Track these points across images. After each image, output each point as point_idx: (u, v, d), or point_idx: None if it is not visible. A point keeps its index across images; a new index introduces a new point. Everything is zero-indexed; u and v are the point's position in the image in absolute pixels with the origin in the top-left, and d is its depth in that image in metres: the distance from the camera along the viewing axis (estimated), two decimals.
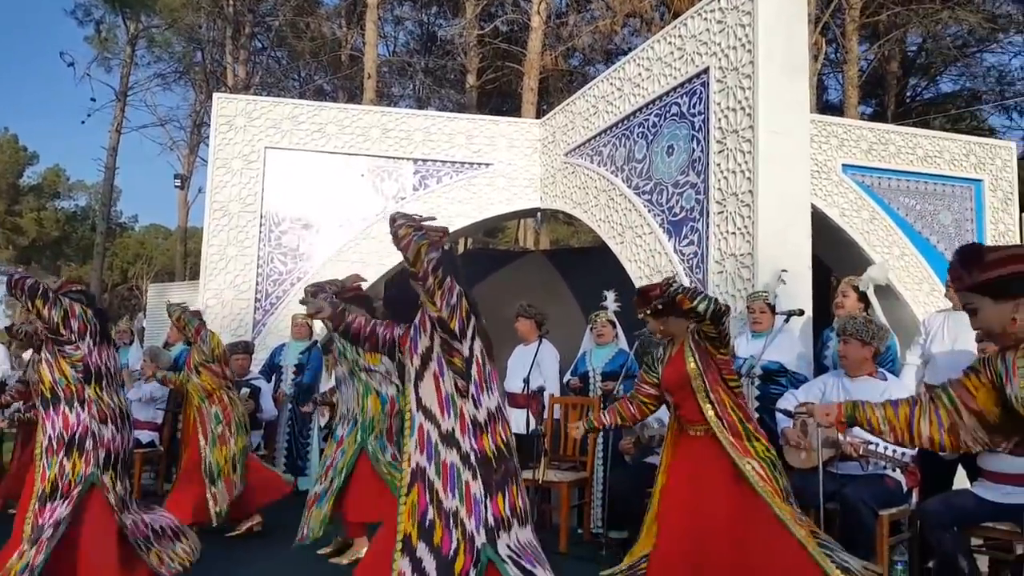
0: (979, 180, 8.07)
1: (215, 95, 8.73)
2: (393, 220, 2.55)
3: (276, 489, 5.23)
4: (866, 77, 17.40)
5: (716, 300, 3.16)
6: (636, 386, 3.69)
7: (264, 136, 8.25)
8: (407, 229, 2.49)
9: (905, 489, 4.00)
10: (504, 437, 2.56)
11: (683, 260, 6.09)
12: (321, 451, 7.18)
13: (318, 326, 7.28)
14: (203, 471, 4.90)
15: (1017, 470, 3.41)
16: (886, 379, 4.01)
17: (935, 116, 18.09)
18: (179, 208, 22.52)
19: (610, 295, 5.70)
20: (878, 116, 17.48)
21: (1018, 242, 8.05)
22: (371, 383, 4.48)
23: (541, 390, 5.46)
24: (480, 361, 2.56)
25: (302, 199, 8.24)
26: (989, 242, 7.89)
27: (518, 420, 5.64)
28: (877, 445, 3.79)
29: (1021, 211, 8.27)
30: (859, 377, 3.99)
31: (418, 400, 2.59)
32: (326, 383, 6.74)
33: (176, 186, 21.49)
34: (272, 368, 6.98)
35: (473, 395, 2.53)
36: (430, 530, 2.42)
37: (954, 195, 8.02)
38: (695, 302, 3.11)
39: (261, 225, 8.13)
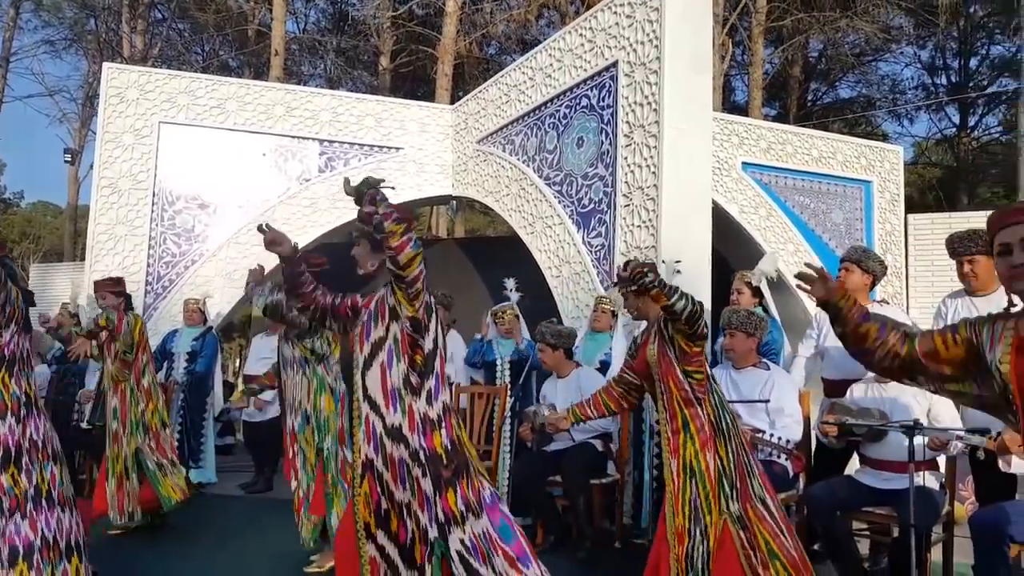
0: (869, 181, 8.48)
1: (105, 65, 8.23)
2: (372, 210, 2.41)
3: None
4: (770, 80, 18.04)
5: (693, 299, 2.93)
6: (619, 374, 3.48)
7: (158, 110, 7.84)
8: (397, 226, 2.34)
9: (791, 474, 4.15)
10: (457, 430, 2.54)
11: (591, 252, 6.14)
12: (218, 447, 6.92)
13: (212, 311, 6.99)
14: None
15: (895, 458, 3.57)
16: (769, 368, 4.15)
17: (833, 120, 18.95)
18: (69, 185, 21.24)
19: (510, 283, 5.70)
20: (781, 118, 18.16)
21: (903, 241, 8.50)
22: (326, 379, 4.15)
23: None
24: (443, 354, 2.57)
25: (198, 177, 7.88)
26: (876, 242, 8.30)
27: None
28: (763, 433, 3.92)
29: (906, 212, 8.73)
30: (745, 368, 4.11)
31: (364, 389, 2.55)
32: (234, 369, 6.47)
33: (66, 161, 20.22)
34: (163, 355, 6.66)
35: (431, 390, 2.49)
36: (386, 518, 2.47)
37: (845, 195, 8.39)
38: (672, 300, 2.88)
39: (153, 204, 7.74)
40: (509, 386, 5.38)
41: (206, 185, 7.89)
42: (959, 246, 3.89)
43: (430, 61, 15.18)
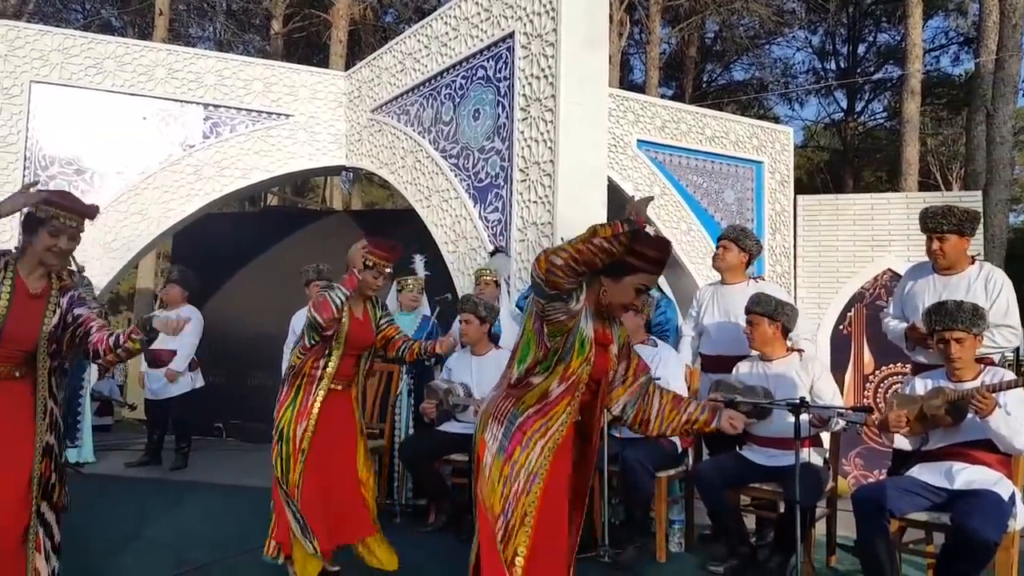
0: (760, 162, 8.70)
1: None
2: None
3: None
4: (667, 60, 18.33)
5: None
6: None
7: (29, 68, 7.23)
8: None
9: (680, 451, 4.22)
10: None
11: (488, 227, 6.04)
12: (95, 427, 6.65)
13: (97, 285, 6.59)
14: None
15: (780, 435, 3.65)
16: (657, 346, 4.19)
17: (728, 101, 19.49)
18: None
19: (419, 260, 5.58)
20: (677, 98, 18.53)
21: (791, 221, 8.78)
22: None
23: None
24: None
25: (75, 141, 7.34)
26: (766, 222, 8.55)
27: None
28: None
29: (795, 193, 9.02)
30: (633, 345, 4.13)
31: None
32: None
33: None
34: None
35: None
36: None
37: (737, 175, 8.59)
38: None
39: (25, 168, 7.18)
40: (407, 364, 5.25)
41: (83, 149, 7.37)
42: (931, 222, 3.64)
43: (324, 26, 14.61)
